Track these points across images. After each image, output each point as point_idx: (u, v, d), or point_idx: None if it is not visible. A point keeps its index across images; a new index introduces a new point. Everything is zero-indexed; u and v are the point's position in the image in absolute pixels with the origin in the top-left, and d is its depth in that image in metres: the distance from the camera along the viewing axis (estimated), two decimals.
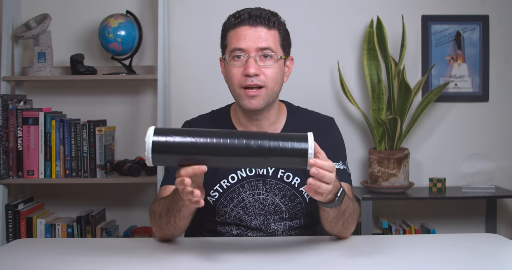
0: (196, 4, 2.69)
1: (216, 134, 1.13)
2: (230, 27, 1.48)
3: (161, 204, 1.39)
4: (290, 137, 1.14)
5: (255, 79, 1.44)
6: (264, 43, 1.45)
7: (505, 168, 2.73)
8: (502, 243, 1.42)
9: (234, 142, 1.11)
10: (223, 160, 1.13)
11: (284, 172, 1.52)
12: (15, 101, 2.43)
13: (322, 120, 1.61)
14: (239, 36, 1.45)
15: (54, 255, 1.31)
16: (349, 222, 1.40)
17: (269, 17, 1.47)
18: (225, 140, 1.12)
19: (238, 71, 1.45)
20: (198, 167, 1.13)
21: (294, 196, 1.52)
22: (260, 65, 1.45)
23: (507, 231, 2.73)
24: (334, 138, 1.59)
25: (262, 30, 1.45)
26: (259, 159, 1.13)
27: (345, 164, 1.55)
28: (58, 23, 2.64)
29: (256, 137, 1.13)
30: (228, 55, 1.47)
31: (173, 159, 1.13)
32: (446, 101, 2.72)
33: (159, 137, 1.11)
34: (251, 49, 1.44)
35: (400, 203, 2.75)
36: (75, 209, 2.62)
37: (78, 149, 2.44)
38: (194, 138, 1.11)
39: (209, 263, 1.23)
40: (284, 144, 1.12)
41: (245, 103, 1.46)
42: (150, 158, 1.12)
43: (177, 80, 2.69)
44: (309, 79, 2.68)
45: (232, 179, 1.52)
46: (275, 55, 1.46)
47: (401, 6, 2.68)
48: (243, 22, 1.46)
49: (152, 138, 1.11)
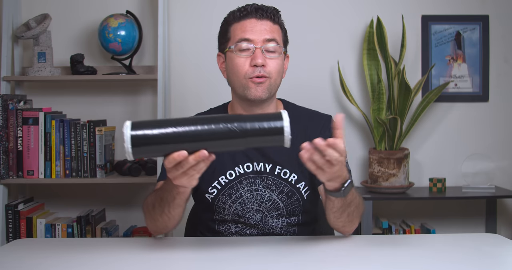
0: (196, 4, 2.69)
1: (194, 121, 1.12)
2: (234, 20, 1.51)
3: (154, 195, 1.40)
4: (267, 116, 1.15)
5: (262, 70, 1.46)
6: (270, 35, 1.48)
7: (505, 168, 2.73)
8: (502, 243, 1.42)
9: (211, 127, 1.11)
10: (202, 145, 1.13)
11: (281, 169, 1.53)
12: (15, 101, 2.43)
13: (320, 118, 1.61)
14: (245, 27, 1.48)
15: (54, 255, 1.31)
16: (354, 215, 1.40)
17: (274, 13, 1.51)
18: (203, 126, 1.11)
19: (245, 61, 1.48)
20: (178, 154, 1.12)
21: (291, 192, 1.53)
22: (266, 57, 1.48)
23: (507, 231, 2.73)
24: (331, 136, 1.58)
25: (267, 24, 1.50)
26: (239, 140, 1.12)
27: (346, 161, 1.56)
28: (58, 23, 2.64)
29: (234, 119, 1.13)
30: (234, 46, 1.49)
31: (154, 150, 1.12)
32: (446, 101, 2.72)
33: (137, 130, 1.10)
34: (258, 40, 1.47)
35: (400, 203, 2.75)
36: (75, 209, 2.62)
37: (78, 149, 2.44)
38: (171, 127, 1.11)
39: (208, 263, 1.23)
40: (262, 123, 1.12)
41: (252, 91, 1.47)
42: (131, 153, 1.10)
43: (177, 80, 2.69)
44: (309, 79, 2.68)
45: (230, 175, 1.53)
46: (280, 48, 1.50)
47: (401, 6, 2.68)
48: (249, 15, 1.49)
49: (130, 132, 1.10)
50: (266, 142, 1.15)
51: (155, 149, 1.12)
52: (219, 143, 1.13)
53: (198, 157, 1.13)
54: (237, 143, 1.13)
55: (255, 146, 1.16)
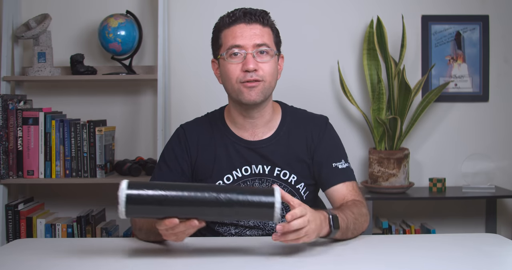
0: (196, 4, 2.69)
1: (186, 188, 1.17)
2: (224, 27, 1.51)
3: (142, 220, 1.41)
4: (258, 191, 1.20)
5: (254, 75, 1.46)
6: (260, 39, 1.48)
7: (505, 168, 2.73)
8: (502, 243, 1.42)
9: (204, 195, 1.16)
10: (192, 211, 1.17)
11: (281, 170, 1.54)
12: (15, 101, 2.43)
13: (317, 120, 1.62)
14: (235, 33, 1.48)
15: (54, 255, 1.31)
16: (357, 229, 1.42)
17: (263, 15, 1.51)
18: (195, 193, 1.16)
19: (236, 67, 1.47)
20: (170, 221, 1.16)
21: (291, 193, 1.53)
22: (258, 61, 1.47)
23: (507, 231, 2.73)
24: (331, 138, 1.60)
25: (257, 27, 1.49)
26: (230, 210, 1.17)
27: (347, 162, 1.58)
28: (58, 23, 2.64)
29: (224, 190, 1.18)
30: (225, 52, 1.48)
31: (146, 211, 1.17)
32: (446, 101, 2.72)
33: (133, 190, 1.15)
34: (249, 46, 1.47)
35: (400, 203, 2.75)
36: (75, 209, 2.62)
37: (78, 149, 2.44)
38: (166, 191, 1.15)
39: (208, 263, 1.23)
40: (251, 197, 1.17)
41: (245, 96, 1.47)
42: (124, 211, 1.15)
43: (177, 80, 2.69)
44: (309, 79, 2.68)
45: (228, 180, 1.54)
46: (271, 51, 1.50)
47: (401, 6, 2.68)
48: (238, 20, 1.49)
49: (126, 191, 1.14)
50: (256, 214, 1.19)
51: (148, 209, 1.16)
52: (210, 211, 1.17)
53: (188, 225, 1.17)
54: (228, 212, 1.18)
55: (245, 218, 1.21)
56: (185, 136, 1.58)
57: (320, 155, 1.55)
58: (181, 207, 1.16)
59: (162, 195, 1.15)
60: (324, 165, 1.54)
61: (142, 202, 1.15)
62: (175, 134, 1.62)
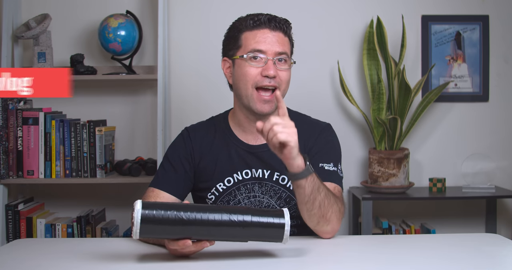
0: (196, 4, 2.69)
1: (200, 209, 1.19)
2: (246, 28, 1.53)
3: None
4: (268, 212, 1.22)
5: (272, 81, 1.49)
6: (282, 48, 1.51)
7: (505, 168, 2.73)
8: (502, 243, 1.42)
9: (219, 216, 1.19)
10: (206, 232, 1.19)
11: (279, 175, 1.56)
12: (15, 101, 2.43)
13: (317, 126, 1.64)
14: (259, 38, 1.50)
15: (54, 255, 1.31)
16: (325, 206, 1.39)
17: (286, 25, 1.54)
18: (211, 214, 1.18)
19: (256, 71, 1.50)
20: (183, 242, 1.19)
21: (290, 198, 1.56)
22: (277, 68, 1.50)
23: (507, 231, 2.73)
24: (327, 142, 1.61)
25: (279, 35, 1.52)
26: (239, 230, 1.20)
27: (336, 166, 1.57)
28: (58, 23, 2.64)
29: (238, 211, 1.20)
30: (247, 55, 1.50)
31: (160, 231, 1.18)
32: (446, 101, 2.72)
33: (148, 210, 1.16)
34: (271, 52, 1.50)
35: (400, 203, 2.75)
36: (75, 209, 2.62)
37: (78, 149, 2.44)
38: (180, 212, 1.17)
39: (208, 263, 1.23)
40: (262, 218, 1.20)
41: (258, 107, 1.50)
42: (138, 232, 1.16)
43: (177, 80, 2.69)
44: (309, 79, 2.68)
45: (228, 182, 1.56)
46: (289, 60, 1.54)
47: (401, 6, 2.68)
48: (263, 25, 1.51)
49: (141, 211, 1.15)
50: (266, 235, 1.22)
51: (162, 229, 1.17)
52: (223, 232, 1.19)
53: (200, 247, 1.21)
54: (240, 233, 1.20)
55: (255, 239, 1.23)
56: (190, 138, 1.61)
57: (311, 156, 1.55)
58: (195, 228, 1.18)
59: (176, 215, 1.16)
60: (311, 163, 1.54)
61: (157, 222, 1.16)
62: (180, 136, 1.65)
